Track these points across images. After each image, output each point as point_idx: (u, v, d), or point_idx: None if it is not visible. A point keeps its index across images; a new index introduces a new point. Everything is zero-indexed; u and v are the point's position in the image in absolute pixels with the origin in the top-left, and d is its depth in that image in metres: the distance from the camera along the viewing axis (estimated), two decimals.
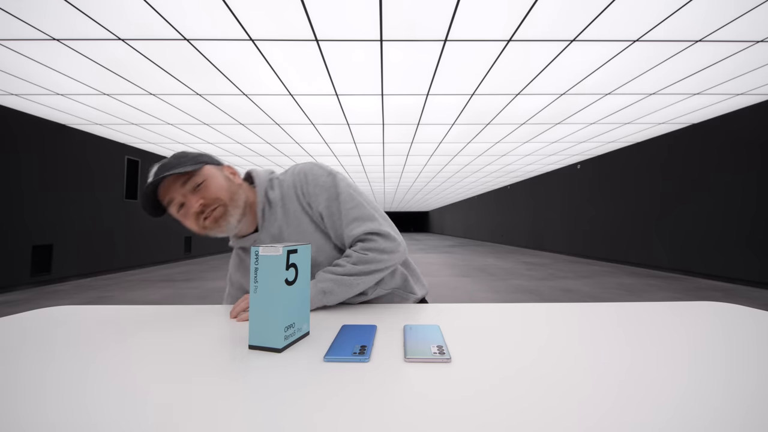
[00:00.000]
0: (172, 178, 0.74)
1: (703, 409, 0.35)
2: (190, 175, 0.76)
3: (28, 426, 0.33)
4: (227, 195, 0.78)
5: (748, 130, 4.54)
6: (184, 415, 0.35)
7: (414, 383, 0.42)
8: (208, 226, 0.77)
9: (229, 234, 0.81)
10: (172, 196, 0.75)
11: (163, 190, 0.75)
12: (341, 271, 0.77)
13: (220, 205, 0.77)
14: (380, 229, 0.80)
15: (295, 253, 0.56)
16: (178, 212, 0.77)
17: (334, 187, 0.81)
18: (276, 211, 0.83)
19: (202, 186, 0.76)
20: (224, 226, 0.78)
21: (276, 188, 0.86)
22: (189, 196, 0.75)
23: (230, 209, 0.78)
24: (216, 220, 0.77)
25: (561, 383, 0.41)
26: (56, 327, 0.66)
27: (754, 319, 0.68)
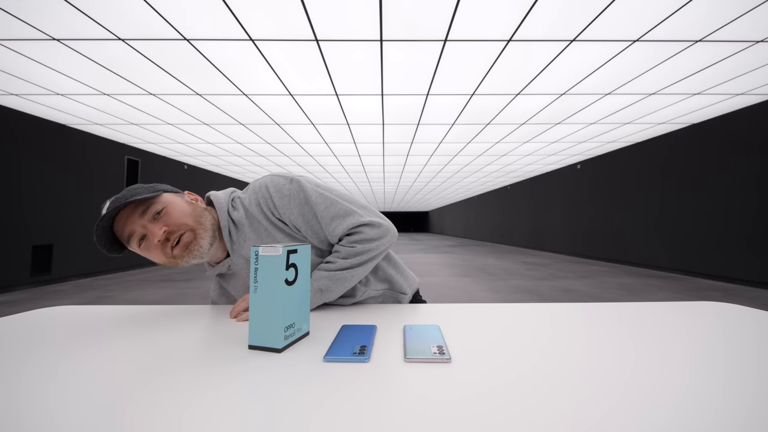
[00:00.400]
0: (129, 210, 0.69)
1: (703, 409, 0.35)
2: (148, 203, 0.70)
3: (29, 426, 0.33)
4: (192, 219, 0.73)
5: (748, 130, 4.54)
6: (184, 414, 0.35)
7: (414, 383, 0.42)
8: (177, 255, 0.71)
9: (203, 259, 0.76)
10: (132, 228, 0.69)
11: (120, 224, 0.69)
12: (334, 267, 0.76)
13: (187, 230, 0.72)
14: (362, 220, 0.78)
15: (295, 253, 0.56)
16: (140, 246, 0.70)
17: (301, 193, 0.78)
18: (244, 232, 0.79)
19: (163, 213, 0.71)
20: (196, 251, 0.72)
21: (239, 208, 0.81)
22: (149, 226, 0.69)
23: (199, 232, 0.73)
24: (186, 246, 0.71)
25: (561, 383, 0.41)
26: (56, 327, 0.66)
27: (754, 319, 0.68)
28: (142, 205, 0.70)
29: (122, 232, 0.70)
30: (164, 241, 0.70)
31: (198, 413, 0.35)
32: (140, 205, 0.70)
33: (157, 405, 0.37)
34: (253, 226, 0.79)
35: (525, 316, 0.72)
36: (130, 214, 0.69)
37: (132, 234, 0.69)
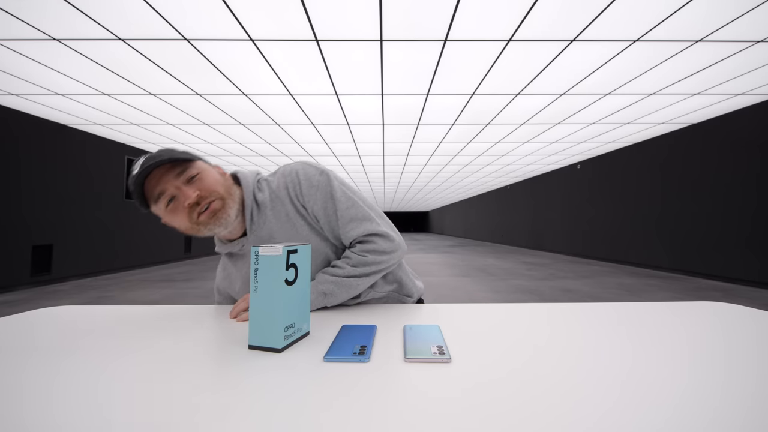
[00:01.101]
0: (164, 169, 0.68)
1: (703, 409, 0.35)
2: (184, 166, 0.71)
3: (29, 426, 0.33)
4: (224, 189, 0.74)
5: (748, 130, 4.54)
6: (184, 414, 0.35)
7: (414, 383, 0.42)
8: (202, 221, 0.71)
9: (225, 230, 0.75)
10: (164, 187, 0.68)
11: (152, 182, 0.68)
12: (341, 273, 0.76)
13: (217, 198, 0.72)
14: (378, 229, 0.79)
15: (295, 253, 0.56)
16: (167, 207, 0.69)
17: (328, 186, 0.79)
18: (265, 214, 0.79)
19: (197, 178, 0.71)
20: (222, 220, 0.72)
21: (264, 190, 0.81)
22: (183, 188, 0.69)
23: (228, 202, 0.74)
24: (214, 213, 0.71)
25: (561, 383, 0.41)
26: (56, 327, 0.66)
27: (754, 319, 0.68)
28: (179, 166, 0.70)
29: (153, 190, 0.69)
30: (194, 205, 0.70)
31: (198, 413, 0.35)
32: (177, 166, 0.70)
33: (157, 405, 0.37)
34: (275, 210, 0.79)
35: (525, 316, 0.72)
36: (165, 174, 0.69)
37: (163, 193, 0.69)
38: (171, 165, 0.69)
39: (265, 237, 0.79)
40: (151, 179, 0.68)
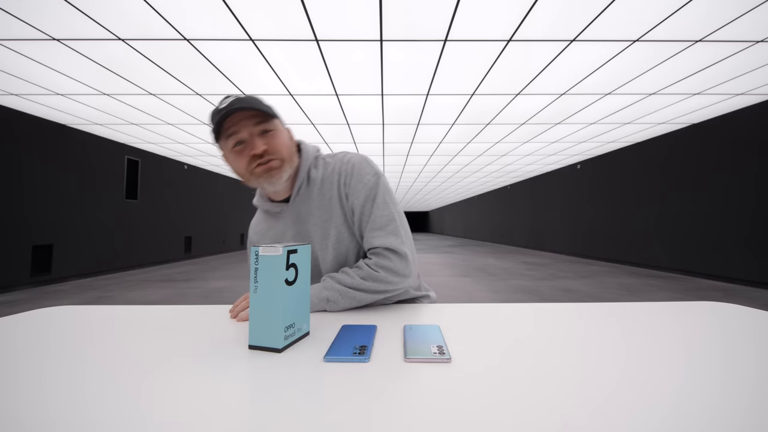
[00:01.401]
0: (247, 114, 0.73)
1: (702, 409, 0.35)
2: (264, 118, 0.75)
3: (29, 426, 0.33)
4: (287, 153, 0.79)
5: (747, 130, 4.54)
6: (184, 415, 0.35)
7: (414, 383, 0.42)
8: (257, 173, 0.75)
9: (272, 188, 0.79)
10: (238, 129, 0.73)
11: (231, 121, 0.72)
12: (349, 282, 0.75)
13: (279, 158, 0.76)
14: (399, 248, 0.78)
15: (295, 253, 0.56)
16: (234, 147, 0.74)
17: (375, 188, 0.81)
18: (312, 191, 0.83)
19: (270, 134, 0.76)
20: (275, 178, 0.77)
21: (319, 168, 0.85)
22: (255, 138, 0.74)
23: (286, 166, 0.78)
24: (269, 171, 0.76)
25: (561, 383, 0.41)
26: (56, 327, 0.66)
27: (754, 319, 0.68)
28: (260, 117, 0.74)
29: (228, 128, 0.73)
30: (257, 156, 0.74)
31: (198, 413, 0.35)
32: (258, 116, 0.74)
33: (157, 405, 0.37)
34: (322, 190, 0.83)
35: (525, 316, 0.72)
36: (246, 118, 0.73)
37: (235, 134, 0.73)
38: (254, 113, 0.73)
39: (304, 212, 0.83)
40: (232, 118, 0.72)
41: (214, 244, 9.63)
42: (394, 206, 0.83)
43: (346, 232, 0.82)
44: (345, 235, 0.82)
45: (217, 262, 7.84)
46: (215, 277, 5.68)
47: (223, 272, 6.28)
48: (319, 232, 0.83)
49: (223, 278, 5.59)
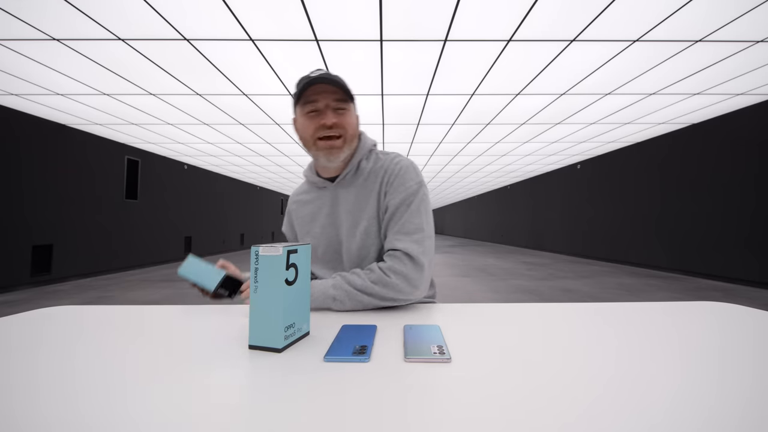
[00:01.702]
0: (330, 87, 0.79)
1: (701, 408, 0.35)
2: (343, 97, 0.80)
3: (28, 426, 0.33)
4: (351, 133, 0.84)
5: (747, 130, 4.54)
6: (184, 415, 0.35)
7: (414, 383, 0.42)
8: (319, 146, 0.81)
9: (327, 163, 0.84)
10: (318, 98, 0.79)
11: (314, 89, 0.78)
12: (358, 284, 0.75)
13: (342, 138, 0.82)
14: (419, 257, 0.77)
15: (295, 253, 0.56)
16: (306, 113, 0.81)
17: (413, 195, 0.83)
18: (357, 180, 0.87)
19: (342, 113, 0.81)
20: (332, 156, 0.82)
21: (371, 161, 0.89)
22: (329, 111, 0.80)
23: (345, 147, 0.83)
24: (331, 146, 0.81)
25: (561, 383, 0.41)
26: (56, 327, 0.66)
27: (754, 319, 0.68)
28: (340, 95, 0.80)
29: (309, 94, 0.79)
30: (325, 128, 0.80)
31: (198, 413, 0.35)
32: (339, 93, 0.80)
33: (157, 405, 0.37)
34: (367, 182, 0.87)
35: (525, 316, 0.72)
36: (327, 92, 0.79)
37: (314, 102, 0.79)
38: (336, 89, 0.79)
39: (342, 196, 0.88)
40: (316, 87, 0.78)
41: (214, 244, 9.63)
42: (427, 218, 0.83)
43: (375, 227, 0.85)
44: (374, 229, 0.84)
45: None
46: None
47: None
48: (351, 219, 0.86)
49: None
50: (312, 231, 0.91)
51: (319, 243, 0.90)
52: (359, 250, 0.84)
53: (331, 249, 0.89)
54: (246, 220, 11.62)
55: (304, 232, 0.93)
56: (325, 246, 0.89)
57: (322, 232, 0.89)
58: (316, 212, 0.91)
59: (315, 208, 0.92)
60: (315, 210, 0.91)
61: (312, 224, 0.91)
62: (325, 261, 0.90)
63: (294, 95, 0.82)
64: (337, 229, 0.87)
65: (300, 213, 0.95)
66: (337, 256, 0.88)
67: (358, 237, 0.84)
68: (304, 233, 0.93)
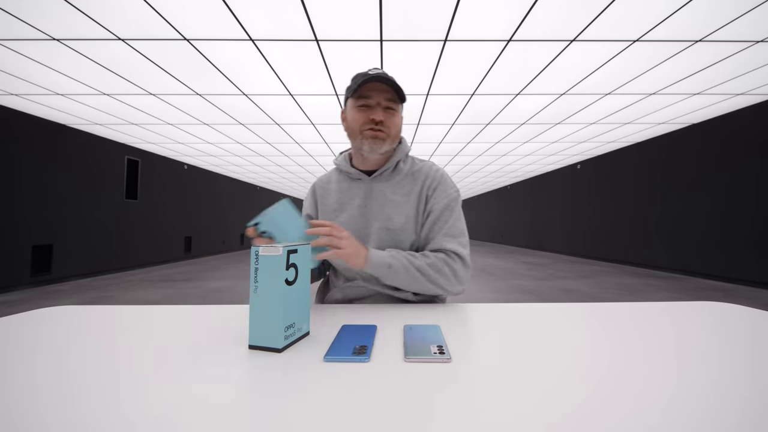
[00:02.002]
0: (384, 87, 0.85)
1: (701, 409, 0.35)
2: (394, 98, 0.87)
3: (28, 426, 0.33)
4: (395, 134, 0.90)
5: (747, 130, 4.54)
6: (184, 415, 0.35)
7: (414, 383, 0.42)
8: (366, 135, 0.86)
9: (369, 153, 0.89)
10: (371, 95, 0.85)
11: (370, 86, 0.85)
12: (416, 262, 0.80)
13: (387, 134, 0.87)
14: (467, 259, 0.85)
15: (295, 253, 0.56)
16: (359, 106, 0.87)
17: (455, 201, 0.91)
18: (394, 178, 0.93)
19: (391, 113, 0.88)
20: (376, 147, 0.87)
21: (408, 164, 0.96)
22: (378, 108, 0.86)
23: (387, 143, 0.88)
24: (375, 138, 0.86)
25: (561, 383, 0.41)
26: (56, 327, 0.66)
27: (754, 319, 0.68)
28: (392, 94, 0.86)
29: (364, 90, 0.85)
30: (373, 122, 0.86)
31: (198, 413, 0.35)
32: (391, 93, 0.86)
33: (157, 405, 0.37)
34: (403, 182, 0.93)
35: (525, 316, 0.72)
36: (382, 90, 0.85)
37: (367, 97, 0.86)
38: (389, 89, 0.85)
39: (378, 191, 0.92)
40: (372, 84, 0.85)
41: (214, 244, 9.63)
42: (464, 224, 0.92)
43: (411, 225, 0.89)
44: (410, 227, 0.88)
45: (217, 262, 7.84)
46: (215, 277, 5.68)
47: (223, 272, 6.28)
48: (384, 214, 0.89)
49: (223, 278, 5.60)
50: (338, 219, 0.92)
51: None
52: (387, 245, 0.87)
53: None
54: (246, 220, 11.62)
55: (328, 219, 0.94)
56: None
57: (349, 222, 0.90)
58: (346, 202, 0.93)
59: (345, 198, 0.94)
60: (344, 200, 0.94)
61: (339, 213, 0.93)
62: None
63: (348, 89, 0.89)
64: (368, 221, 0.90)
65: (326, 200, 0.96)
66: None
67: (390, 232, 0.88)
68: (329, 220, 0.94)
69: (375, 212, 0.90)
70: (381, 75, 0.83)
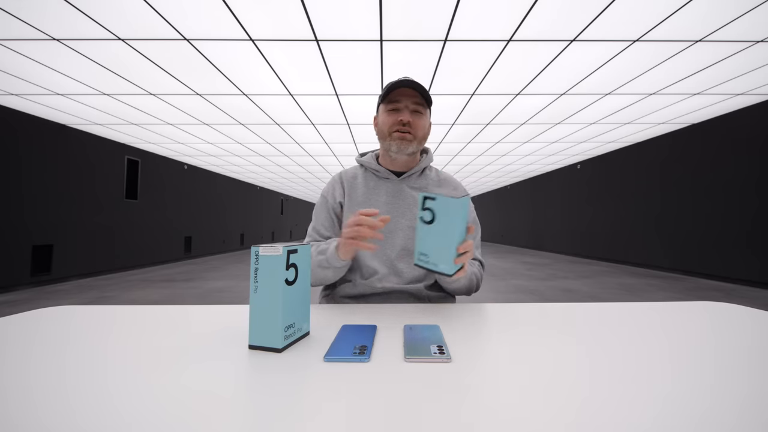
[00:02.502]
0: (412, 92, 0.91)
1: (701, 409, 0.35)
2: (422, 102, 0.92)
3: (29, 426, 0.33)
4: (422, 135, 0.95)
5: (747, 130, 4.54)
6: (184, 415, 0.35)
7: (414, 383, 0.42)
8: (394, 137, 0.92)
9: (395, 154, 0.94)
10: (400, 98, 0.91)
11: (400, 91, 0.90)
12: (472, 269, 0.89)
13: (413, 136, 0.92)
14: (484, 265, 0.97)
15: (295, 253, 0.56)
16: (387, 109, 0.93)
17: (473, 213, 0.98)
18: (422, 182, 0.99)
19: (418, 116, 0.93)
20: (403, 147, 0.92)
21: (433, 171, 1.04)
22: (406, 111, 0.91)
23: (414, 145, 0.93)
24: (403, 139, 0.91)
25: (561, 383, 0.41)
26: (56, 327, 0.66)
27: (754, 319, 0.68)
28: (419, 98, 0.92)
29: (394, 95, 0.92)
30: (400, 124, 0.91)
31: (198, 413, 0.35)
32: (419, 97, 0.92)
33: (156, 405, 0.37)
34: (428, 187, 0.99)
35: (525, 316, 0.72)
36: (410, 94, 0.91)
37: (396, 101, 0.92)
38: (417, 94, 0.91)
39: (408, 192, 0.97)
40: (401, 90, 0.91)
41: (214, 244, 9.63)
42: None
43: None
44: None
45: (217, 262, 7.84)
46: (215, 277, 5.68)
47: (223, 272, 6.28)
48: (412, 213, 0.94)
49: (223, 278, 5.60)
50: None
51: None
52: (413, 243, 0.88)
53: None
54: (246, 220, 11.62)
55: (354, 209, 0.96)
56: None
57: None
58: (373, 199, 0.97)
59: (372, 194, 0.98)
60: (372, 196, 0.97)
61: (364, 207, 0.95)
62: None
63: (380, 96, 0.95)
64: (394, 219, 0.94)
65: (353, 194, 0.99)
66: (379, 243, 0.91)
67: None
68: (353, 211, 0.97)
69: (402, 211, 0.95)
70: (409, 81, 0.89)
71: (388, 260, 0.92)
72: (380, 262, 0.92)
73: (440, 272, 0.65)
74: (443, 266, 0.65)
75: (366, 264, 0.91)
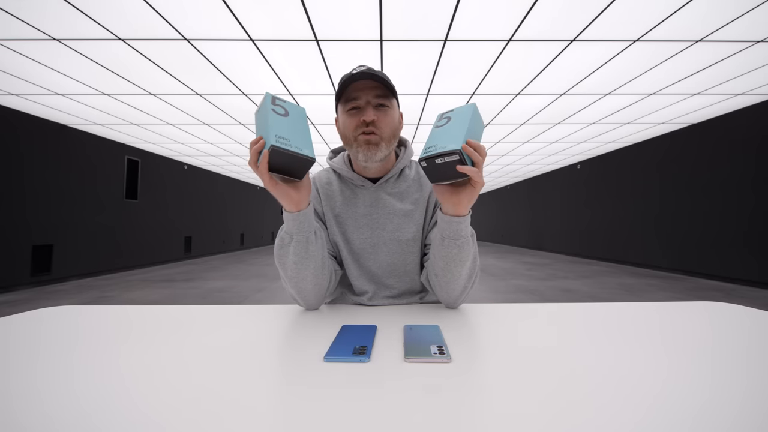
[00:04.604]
0: (371, 83, 0.76)
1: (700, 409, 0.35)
2: (384, 93, 0.77)
3: (29, 426, 0.33)
4: (390, 132, 0.79)
5: (747, 130, 4.54)
6: (182, 415, 0.35)
7: (414, 383, 0.42)
8: (358, 140, 0.77)
9: (364, 162, 0.79)
10: (359, 96, 0.76)
11: (356, 86, 0.76)
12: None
13: (380, 137, 0.78)
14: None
15: (282, 102, 0.64)
16: (347, 110, 0.78)
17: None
18: (401, 186, 0.87)
19: (383, 111, 0.78)
20: (371, 153, 0.78)
21: (413, 169, 0.91)
22: (370, 107, 0.76)
23: (383, 146, 0.79)
24: (368, 144, 0.77)
25: (561, 383, 0.41)
26: (56, 327, 0.66)
27: (753, 320, 0.68)
28: (381, 90, 0.77)
29: (351, 90, 0.77)
30: (364, 125, 0.76)
31: (196, 413, 0.35)
32: (380, 89, 0.77)
33: (155, 405, 0.37)
34: (409, 190, 0.87)
35: (525, 316, 0.72)
36: (369, 87, 0.76)
37: (355, 99, 0.77)
38: (377, 85, 0.76)
39: (384, 199, 0.86)
40: (357, 84, 0.76)
41: (214, 244, 9.63)
42: None
43: (420, 236, 0.86)
44: (419, 237, 0.86)
45: (217, 262, 7.84)
46: (215, 277, 5.68)
47: (223, 272, 6.28)
48: (394, 224, 0.85)
49: (223, 278, 5.59)
50: (343, 228, 0.87)
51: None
52: (398, 257, 0.84)
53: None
54: (246, 220, 11.62)
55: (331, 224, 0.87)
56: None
57: (355, 232, 0.86)
58: (350, 210, 0.86)
59: (349, 204, 0.87)
60: (348, 207, 0.87)
61: (343, 220, 0.87)
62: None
63: (336, 94, 0.79)
64: (374, 231, 0.85)
65: (329, 203, 0.88)
66: (362, 259, 0.86)
67: (401, 244, 0.84)
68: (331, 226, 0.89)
69: (383, 222, 0.85)
70: (365, 71, 0.74)
71: (374, 278, 0.85)
72: (367, 280, 0.85)
73: (448, 151, 0.59)
74: (451, 145, 0.59)
75: (353, 283, 0.85)
